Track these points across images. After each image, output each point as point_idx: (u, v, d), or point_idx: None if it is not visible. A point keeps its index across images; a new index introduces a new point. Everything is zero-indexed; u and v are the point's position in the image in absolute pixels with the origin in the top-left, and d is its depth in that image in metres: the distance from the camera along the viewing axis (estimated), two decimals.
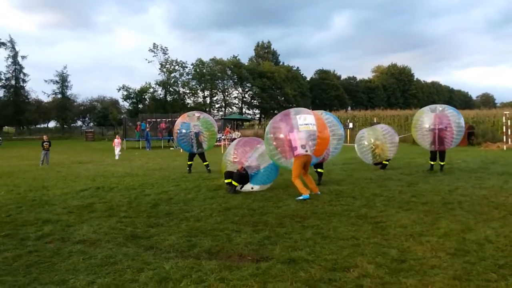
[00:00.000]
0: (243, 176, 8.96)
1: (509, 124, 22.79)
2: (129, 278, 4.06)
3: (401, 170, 12.47)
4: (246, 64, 67.13)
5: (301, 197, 8.00)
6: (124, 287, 3.89)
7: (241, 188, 9.04)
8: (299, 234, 5.51)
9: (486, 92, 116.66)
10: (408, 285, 3.75)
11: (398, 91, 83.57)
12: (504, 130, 22.79)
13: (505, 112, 24.56)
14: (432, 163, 12.27)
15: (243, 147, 9.51)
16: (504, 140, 22.44)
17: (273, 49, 74.21)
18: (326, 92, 71.97)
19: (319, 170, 10.42)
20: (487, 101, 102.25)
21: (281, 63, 72.36)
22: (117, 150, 20.88)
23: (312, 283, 3.85)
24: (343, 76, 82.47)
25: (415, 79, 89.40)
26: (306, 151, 8.38)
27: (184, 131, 12.78)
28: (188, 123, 12.95)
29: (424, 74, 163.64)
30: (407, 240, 5.17)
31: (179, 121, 13.19)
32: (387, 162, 12.87)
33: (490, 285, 3.73)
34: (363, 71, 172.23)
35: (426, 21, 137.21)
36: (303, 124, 8.46)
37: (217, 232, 5.72)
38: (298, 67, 72.92)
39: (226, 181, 9.04)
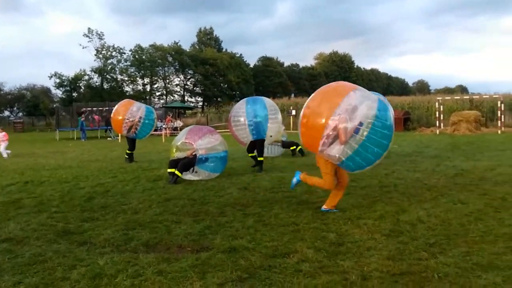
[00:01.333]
0: (190, 163, 8.79)
1: (441, 109, 24.19)
2: (59, 276, 3.82)
3: None
4: (188, 50, 65.88)
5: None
6: (54, 285, 3.65)
7: (193, 171, 8.94)
8: (240, 223, 5.47)
9: (422, 79, 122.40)
10: (345, 267, 3.82)
11: (339, 78, 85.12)
12: (437, 115, 24.16)
13: (438, 98, 26.12)
14: None
15: (196, 132, 9.35)
16: (437, 124, 23.81)
17: (216, 35, 73.26)
18: (269, 79, 72.30)
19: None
20: (422, 87, 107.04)
21: (224, 50, 71.69)
22: (2, 147, 15.70)
23: (252, 270, 3.82)
24: (286, 63, 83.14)
25: (355, 66, 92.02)
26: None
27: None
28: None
29: (364, 62, 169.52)
30: (345, 223, 5.28)
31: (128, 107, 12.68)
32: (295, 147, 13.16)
33: (421, 263, 3.88)
34: (306, 58, 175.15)
35: (366, 9, 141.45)
36: None
37: (156, 224, 5.54)
38: (241, 54, 72.60)
39: (169, 170, 8.81)
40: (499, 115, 23.44)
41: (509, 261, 3.86)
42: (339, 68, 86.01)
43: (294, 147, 13.14)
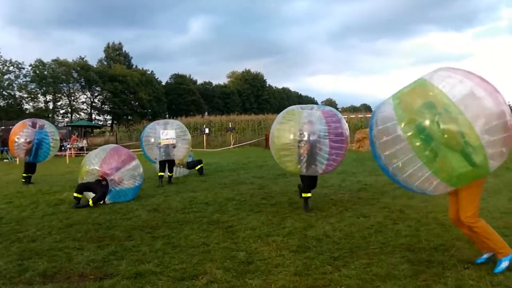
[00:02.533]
0: (101, 197, 8.16)
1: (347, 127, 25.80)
2: None
3: (254, 173, 12.99)
4: (95, 66, 63.06)
5: (505, 263, 4.04)
6: None
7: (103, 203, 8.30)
8: (148, 246, 5.27)
9: (330, 97, 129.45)
10: (254, 286, 3.85)
11: (252, 96, 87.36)
12: None
13: (343, 116, 27.88)
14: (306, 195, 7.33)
15: (113, 156, 8.61)
16: None
17: (125, 51, 71.09)
18: (182, 97, 71.59)
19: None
20: (330, 106, 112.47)
21: (134, 67, 69.76)
22: None
23: None
24: (199, 81, 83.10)
25: (267, 85, 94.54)
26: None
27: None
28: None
29: (276, 81, 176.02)
30: (255, 241, 5.34)
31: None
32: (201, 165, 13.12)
33: (326, 277, 4.04)
34: (219, 76, 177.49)
35: (278, 30, 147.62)
36: None
37: (55, 251, 5.14)
38: (152, 71, 71.18)
39: (75, 194, 8.21)
40: None
41: (405, 270, 4.14)
42: (251, 87, 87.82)
43: (199, 166, 13.08)
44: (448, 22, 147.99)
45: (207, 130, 32.17)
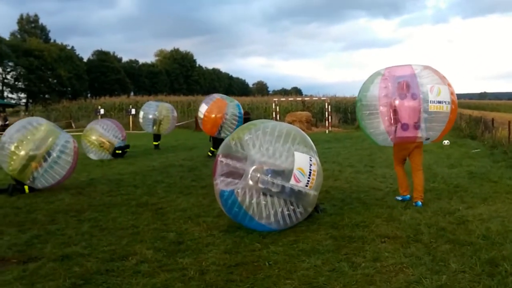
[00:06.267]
0: None
1: (278, 110, 26.36)
2: None
3: (184, 156, 12.90)
4: (8, 39, 57.96)
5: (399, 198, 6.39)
6: None
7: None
8: (74, 229, 5.14)
9: (261, 80, 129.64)
10: (184, 264, 3.95)
11: (181, 76, 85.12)
12: (274, 115, 26.21)
13: (274, 99, 28.46)
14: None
15: None
16: None
17: (42, 23, 66.13)
18: (105, 75, 68.10)
19: None
20: (261, 88, 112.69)
21: (52, 41, 65.14)
22: None
23: (88, 276, 3.69)
24: (125, 59, 79.47)
25: (197, 65, 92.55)
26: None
27: None
28: None
29: (206, 61, 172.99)
30: (185, 222, 5.40)
31: None
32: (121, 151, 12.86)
33: (255, 253, 4.23)
34: (146, 55, 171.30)
35: (210, 9, 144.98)
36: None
37: None
38: (73, 47, 67.01)
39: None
40: (326, 116, 26.52)
41: (329, 245, 4.44)
42: (180, 66, 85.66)
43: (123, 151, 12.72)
44: (377, 9, 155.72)
45: (133, 111, 31.08)
